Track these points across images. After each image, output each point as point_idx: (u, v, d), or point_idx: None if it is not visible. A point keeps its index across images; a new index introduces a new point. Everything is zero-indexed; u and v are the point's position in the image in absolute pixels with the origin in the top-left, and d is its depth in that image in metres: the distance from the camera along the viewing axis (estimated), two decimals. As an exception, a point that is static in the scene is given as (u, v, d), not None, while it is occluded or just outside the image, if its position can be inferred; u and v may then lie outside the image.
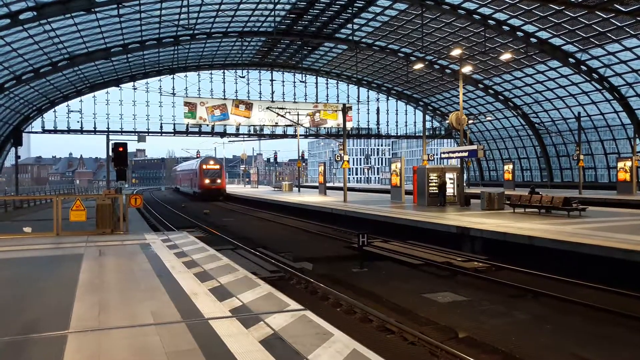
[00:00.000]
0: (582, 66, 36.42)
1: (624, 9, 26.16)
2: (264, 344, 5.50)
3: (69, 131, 46.52)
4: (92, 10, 27.91)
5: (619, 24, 30.11)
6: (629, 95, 37.11)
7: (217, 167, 51.25)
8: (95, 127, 46.84)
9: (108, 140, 22.75)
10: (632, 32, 30.60)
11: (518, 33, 34.69)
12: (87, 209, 15.86)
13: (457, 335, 8.50)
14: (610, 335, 8.62)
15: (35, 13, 26.64)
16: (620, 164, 34.24)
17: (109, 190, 19.78)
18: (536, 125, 47.24)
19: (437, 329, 8.83)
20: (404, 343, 8.16)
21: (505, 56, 31.38)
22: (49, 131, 46.34)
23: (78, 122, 46.35)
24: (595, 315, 9.62)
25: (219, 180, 50.23)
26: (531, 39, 35.04)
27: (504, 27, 34.30)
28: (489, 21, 33.94)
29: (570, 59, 36.14)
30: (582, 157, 35.85)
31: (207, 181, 49.45)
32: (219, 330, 6.00)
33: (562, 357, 7.60)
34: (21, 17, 26.40)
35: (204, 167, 50.34)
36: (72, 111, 46.14)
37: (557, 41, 34.79)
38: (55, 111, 46.25)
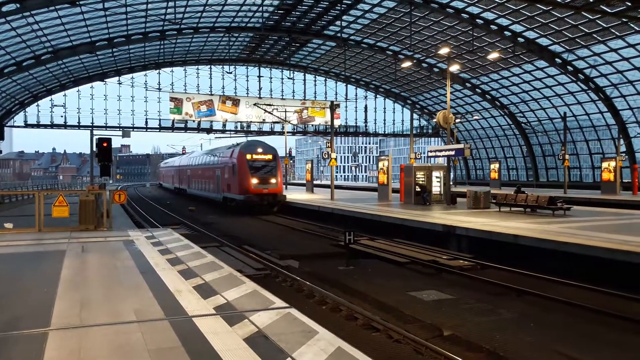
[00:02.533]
0: (568, 66, 36.77)
1: (609, 10, 26.40)
2: (248, 342, 5.45)
3: (52, 126, 45.87)
4: (77, 3, 27.53)
5: (605, 25, 30.42)
6: (614, 96, 37.56)
7: (269, 157, 31.81)
8: (79, 122, 46.22)
9: (92, 135, 22.43)
10: (618, 34, 30.94)
11: (506, 32, 34.90)
12: (70, 204, 15.64)
13: (442, 333, 8.52)
14: (593, 333, 8.69)
15: (18, 5, 26.19)
16: (604, 164, 34.67)
17: (93, 185, 19.54)
18: (522, 124, 47.64)
19: (422, 326, 8.83)
20: (389, 341, 8.16)
21: (493, 55, 31.55)
22: (32, 125, 45.68)
23: (62, 116, 45.74)
24: (578, 314, 9.70)
25: (273, 180, 31.10)
26: (519, 39, 35.28)
27: (491, 26, 34.49)
28: (477, 20, 34.10)
29: (556, 59, 36.46)
30: (567, 156, 36.22)
31: (254, 181, 30.33)
32: (203, 328, 5.94)
33: (545, 355, 7.65)
34: (4, 9, 25.94)
35: (249, 157, 31.08)
36: (55, 105, 45.53)
37: (544, 41, 35.07)
38: (38, 105, 45.64)
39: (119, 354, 5.19)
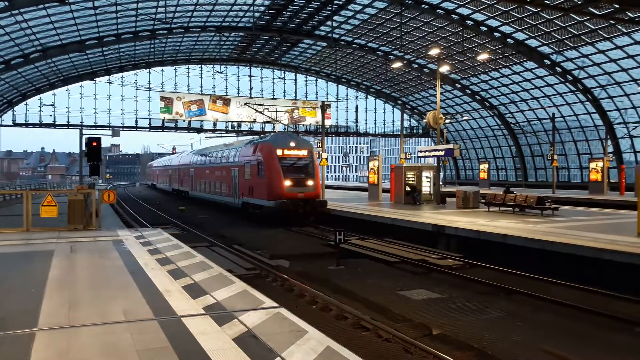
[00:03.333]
0: (557, 68, 37.07)
1: (597, 12, 26.68)
2: (237, 342, 5.46)
3: (41, 125, 45.51)
4: (66, 1, 27.31)
5: (593, 27, 30.71)
6: (602, 97, 37.92)
7: (304, 153, 25.55)
8: (68, 121, 45.88)
9: (81, 134, 22.26)
10: (606, 35, 31.24)
11: (495, 34, 35.12)
12: (59, 204, 15.54)
13: (431, 332, 8.56)
14: (579, 331, 8.78)
15: (6, 3, 25.97)
16: (592, 165, 35.00)
17: (82, 185, 19.42)
18: (512, 125, 47.95)
19: (411, 326, 8.88)
20: (379, 340, 8.19)
21: (483, 56, 31.73)
22: (20, 124, 45.27)
23: (51, 115, 45.45)
24: (566, 313, 9.79)
25: (310, 182, 24.71)
26: (508, 40, 35.51)
27: (481, 27, 34.68)
28: (467, 21, 34.27)
29: (545, 61, 36.74)
30: (555, 157, 36.53)
31: (287, 183, 23.94)
32: (192, 328, 5.93)
33: (533, 353, 7.71)
34: (-8, 7, 25.73)
35: (279, 153, 24.82)
36: (44, 104, 45.16)
37: (533, 42, 35.33)
38: (27, 104, 45.22)
39: (107, 354, 5.18)
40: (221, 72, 49.40)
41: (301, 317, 6.49)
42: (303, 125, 52.79)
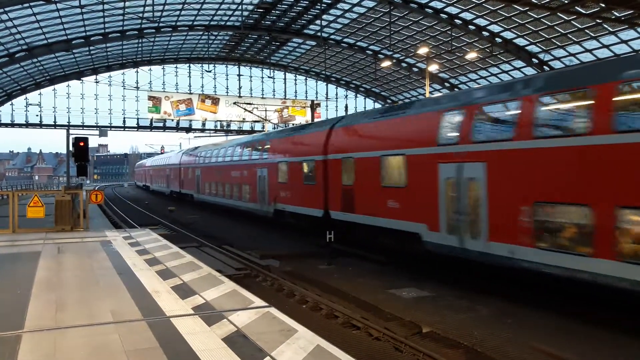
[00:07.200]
0: (545, 67, 37.32)
1: (584, 11, 26.91)
2: (226, 342, 5.42)
3: (27, 125, 44.97)
4: (52, 0, 27.02)
5: (580, 26, 30.96)
6: (588, 96, 38.22)
7: None
8: (55, 121, 45.37)
9: (68, 134, 22.08)
10: (592, 34, 31.51)
11: (484, 33, 35.29)
12: (46, 205, 15.37)
13: (421, 330, 8.58)
14: (568, 328, 8.83)
15: (-9, 2, 25.67)
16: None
17: (69, 186, 19.25)
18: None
19: (401, 324, 8.88)
20: (369, 338, 8.20)
21: (471, 55, 31.88)
22: (6, 125, 44.77)
23: (37, 115, 44.87)
24: (555, 309, 9.84)
25: None
26: (496, 39, 35.71)
27: (470, 26, 34.83)
28: (455, 20, 34.41)
29: (533, 59, 36.98)
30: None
31: None
32: (181, 328, 5.89)
33: (522, 350, 7.75)
34: (-24, 5, 25.40)
35: None
36: (30, 104, 44.63)
37: (521, 41, 35.56)
38: (12, 104, 44.71)
39: (95, 355, 5.12)
40: (210, 71, 49.14)
41: (291, 317, 6.47)
42: (293, 124, 52.71)
